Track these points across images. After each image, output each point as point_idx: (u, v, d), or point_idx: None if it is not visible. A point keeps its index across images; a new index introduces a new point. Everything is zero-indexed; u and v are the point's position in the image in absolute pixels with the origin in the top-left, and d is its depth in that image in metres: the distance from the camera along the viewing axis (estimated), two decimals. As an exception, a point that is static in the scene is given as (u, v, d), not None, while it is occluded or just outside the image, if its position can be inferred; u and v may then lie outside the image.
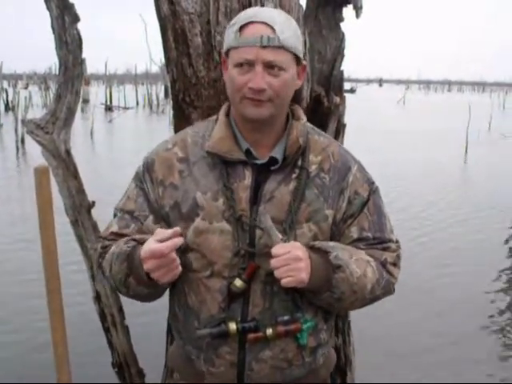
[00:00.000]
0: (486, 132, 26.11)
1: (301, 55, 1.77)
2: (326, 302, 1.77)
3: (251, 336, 1.74)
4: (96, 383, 4.15)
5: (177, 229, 1.64)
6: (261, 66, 1.67)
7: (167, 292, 1.95)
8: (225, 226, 1.75)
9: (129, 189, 1.93)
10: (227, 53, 1.76)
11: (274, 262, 1.64)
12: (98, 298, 3.02)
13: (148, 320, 5.04)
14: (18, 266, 6.88)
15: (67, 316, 2.60)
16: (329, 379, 2.06)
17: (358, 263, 1.75)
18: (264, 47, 1.66)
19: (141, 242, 1.73)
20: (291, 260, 1.63)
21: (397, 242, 1.92)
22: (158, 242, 1.60)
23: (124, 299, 3.06)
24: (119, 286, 1.82)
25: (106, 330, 3.08)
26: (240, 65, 1.69)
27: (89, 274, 3.01)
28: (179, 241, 1.61)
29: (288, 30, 1.70)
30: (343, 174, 1.84)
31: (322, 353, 1.91)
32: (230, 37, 1.73)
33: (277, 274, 1.64)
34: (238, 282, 1.73)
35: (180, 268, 1.67)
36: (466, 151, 18.82)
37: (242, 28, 1.69)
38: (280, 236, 1.68)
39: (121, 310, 3.08)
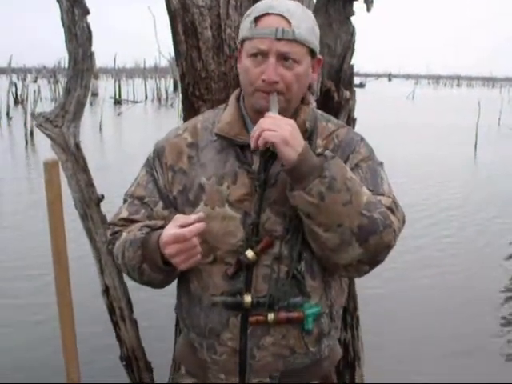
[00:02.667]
0: (496, 127, 25.99)
1: (316, 49, 1.76)
2: (316, 192, 1.59)
3: (253, 318, 1.74)
4: (104, 383, 4.17)
5: (200, 214, 1.65)
6: (274, 57, 1.67)
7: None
8: (227, 211, 1.76)
9: (139, 175, 1.95)
10: (242, 43, 1.76)
11: (262, 119, 1.63)
12: (106, 291, 3.02)
13: (157, 314, 5.05)
14: (25, 262, 6.90)
15: (76, 308, 2.61)
16: (333, 373, 2.05)
17: (354, 176, 1.68)
18: (279, 39, 1.65)
19: (154, 229, 1.75)
20: (280, 121, 1.62)
21: (394, 197, 1.78)
22: (180, 227, 1.60)
23: (133, 293, 3.08)
24: (132, 273, 1.83)
25: (115, 324, 3.08)
26: (254, 55, 1.69)
27: (97, 267, 3.01)
28: (202, 226, 1.61)
29: (304, 23, 1.69)
30: (347, 152, 1.81)
31: (327, 344, 1.89)
32: (245, 27, 1.73)
33: (261, 125, 1.61)
34: (250, 253, 1.72)
35: (200, 255, 1.66)
36: (476, 147, 18.74)
37: (257, 19, 1.69)
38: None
39: (129, 303, 3.08)
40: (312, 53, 1.75)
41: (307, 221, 1.66)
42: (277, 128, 1.59)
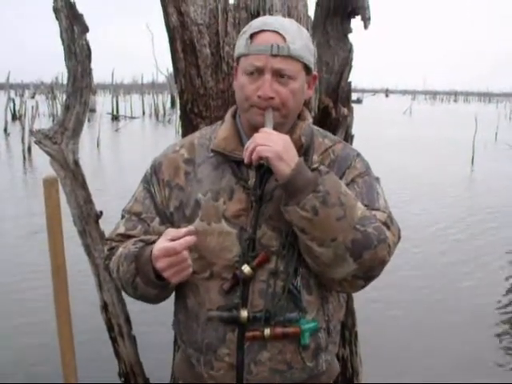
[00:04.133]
0: (493, 143, 26.03)
1: (311, 65, 1.77)
2: (310, 206, 1.60)
3: (249, 334, 1.74)
4: (102, 383, 4.14)
5: (191, 227, 1.65)
6: (270, 74, 1.68)
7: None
8: (224, 226, 1.76)
9: (137, 191, 1.95)
10: (238, 60, 1.77)
11: (256, 135, 1.65)
12: (105, 307, 3.03)
13: (155, 330, 5.03)
14: (25, 276, 6.88)
15: (74, 325, 2.60)
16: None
17: (348, 191, 1.69)
18: (274, 56, 1.67)
19: (148, 243, 1.75)
20: (274, 135, 1.64)
21: (390, 213, 1.78)
22: (170, 240, 1.61)
23: (131, 309, 3.08)
24: (126, 287, 1.83)
25: (113, 340, 3.08)
26: (250, 73, 1.70)
27: (96, 283, 3.01)
28: (192, 239, 1.61)
29: (299, 39, 1.71)
30: (343, 167, 1.82)
31: (324, 359, 1.88)
32: (241, 44, 1.74)
33: (255, 140, 1.63)
34: (246, 269, 1.72)
35: (191, 268, 1.67)
36: (473, 162, 18.77)
37: (252, 36, 1.71)
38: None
39: (128, 319, 3.08)
40: (307, 69, 1.76)
41: (301, 235, 1.67)
42: (270, 143, 1.61)
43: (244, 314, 1.73)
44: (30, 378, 4.53)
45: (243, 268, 1.73)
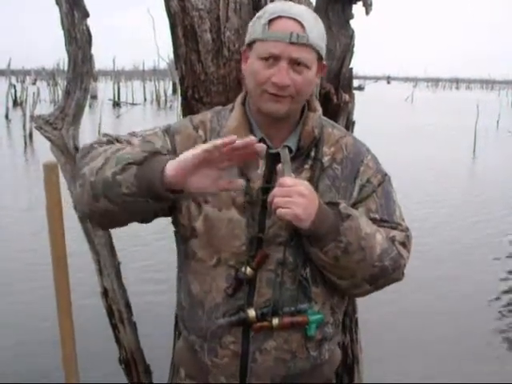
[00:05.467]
0: (495, 130, 26.00)
1: (323, 54, 1.76)
2: (332, 255, 1.67)
3: (257, 325, 1.74)
4: (103, 383, 4.16)
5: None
6: (286, 62, 1.66)
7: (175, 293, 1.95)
8: (234, 214, 1.75)
9: (154, 129, 1.89)
10: (250, 44, 1.74)
11: (276, 191, 1.60)
12: (105, 293, 3.03)
13: (156, 316, 5.05)
14: (27, 261, 6.90)
15: (75, 312, 2.60)
16: (333, 378, 2.05)
17: (368, 223, 1.73)
18: (292, 43, 1.65)
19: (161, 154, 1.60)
20: (293, 193, 1.58)
21: (407, 228, 1.88)
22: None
23: (132, 295, 3.08)
24: (105, 188, 1.55)
25: (114, 326, 3.08)
26: (265, 58, 1.68)
27: (96, 269, 3.01)
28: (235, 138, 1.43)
29: (316, 28, 1.69)
30: (356, 164, 1.83)
31: (327, 348, 1.89)
32: (257, 29, 1.71)
33: (275, 203, 1.59)
34: (247, 269, 1.72)
35: (220, 184, 1.52)
36: (474, 149, 18.74)
37: (271, 21, 1.67)
38: (293, 175, 1.64)
39: (128, 305, 3.08)
40: (320, 58, 1.75)
41: (321, 269, 1.75)
42: (290, 204, 1.57)
43: (252, 313, 1.73)
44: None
45: (243, 269, 1.73)
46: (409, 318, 5.78)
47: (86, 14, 2.79)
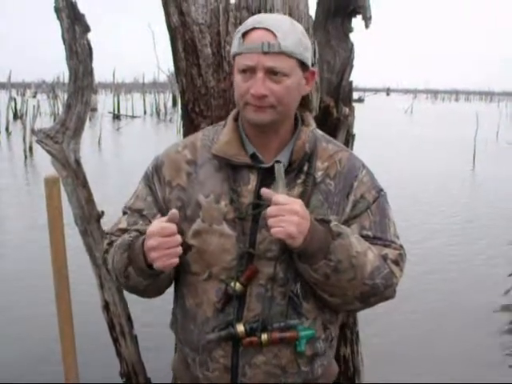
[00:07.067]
0: (494, 142, 26.01)
1: (307, 61, 1.75)
2: (322, 273, 1.66)
3: (246, 340, 1.74)
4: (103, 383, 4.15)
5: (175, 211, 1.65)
6: (262, 72, 1.67)
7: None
8: (225, 229, 1.76)
9: (138, 188, 1.95)
10: (234, 59, 1.77)
11: (269, 210, 1.61)
12: (106, 307, 3.03)
13: (157, 330, 5.03)
14: (27, 274, 6.89)
15: (76, 325, 2.60)
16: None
17: (359, 241, 1.72)
18: (265, 53, 1.66)
19: (143, 233, 1.73)
20: (286, 211, 1.59)
21: (401, 246, 1.86)
22: (167, 221, 1.63)
23: (133, 308, 3.08)
24: (119, 277, 1.82)
25: (115, 340, 3.08)
26: (243, 71, 1.70)
27: (97, 282, 3.02)
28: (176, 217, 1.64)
29: (291, 35, 1.69)
30: (349, 179, 1.82)
31: (320, 363, 1.88)
32: (235, 43, 1.74)
33: (269, 222, 1.61)
34: (236, 285, 1.73)
35: (177, 259, 1.65)
36: (474, 161, 18.75)
37: (245, 34, 1.70)
38: (286, 191, 1.66)
39: (129, 319, 3.08)
40: (303, 65, 1.74)
41: (312, 285, 1.75)
42: (283, 223, 1.58)
43: (241, 328, 1.74)
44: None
45: (233, 284, 1.73)
46: (408, 329, 5.77)
47: (86, 29, 2.81)
